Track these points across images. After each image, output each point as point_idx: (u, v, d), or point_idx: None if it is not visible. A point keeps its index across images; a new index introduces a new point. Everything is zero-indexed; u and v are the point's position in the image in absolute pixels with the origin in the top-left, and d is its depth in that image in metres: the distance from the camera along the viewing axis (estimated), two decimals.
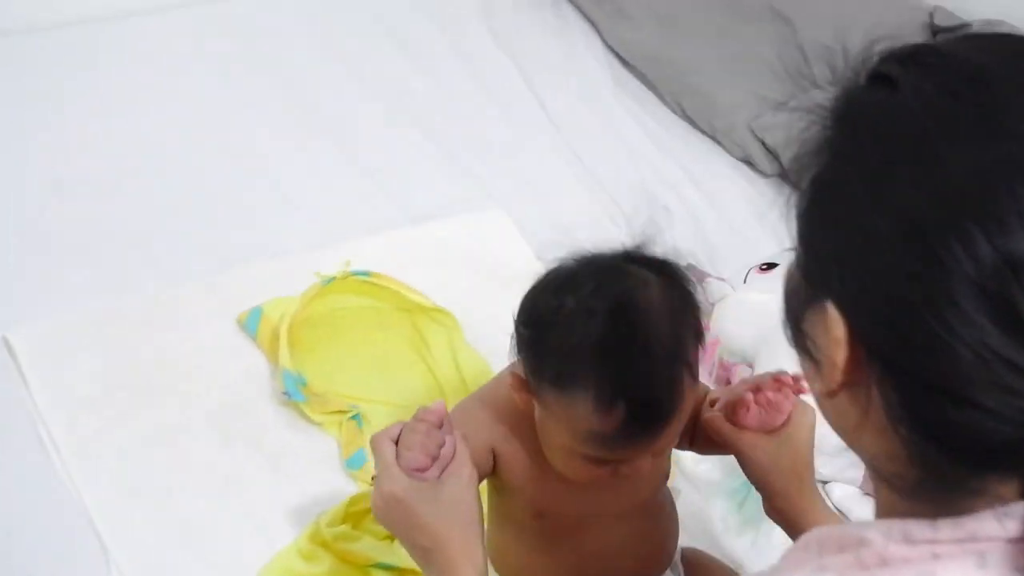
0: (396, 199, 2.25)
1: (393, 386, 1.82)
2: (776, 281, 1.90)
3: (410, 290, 1.89)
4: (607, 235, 2.20)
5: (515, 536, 1.28)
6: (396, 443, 1.14)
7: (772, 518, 1.28)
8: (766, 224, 2.34)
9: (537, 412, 1.14)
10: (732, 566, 1.52)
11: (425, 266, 2.05)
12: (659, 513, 1.33)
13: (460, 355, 1.86)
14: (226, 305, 1.91)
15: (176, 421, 1.73)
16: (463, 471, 1.13)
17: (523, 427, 1.19)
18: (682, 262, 1.16)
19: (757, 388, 1.23)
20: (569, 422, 1.09)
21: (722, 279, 1.98)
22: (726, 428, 1.25)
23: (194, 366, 1.82)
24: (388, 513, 1.12)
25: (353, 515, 1.56)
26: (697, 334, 1.11)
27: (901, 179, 0.69)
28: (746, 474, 1.27)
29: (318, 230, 2.15)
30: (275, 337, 1.80)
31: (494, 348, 1.91)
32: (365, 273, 1.87)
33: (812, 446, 1.25)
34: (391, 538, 1.55)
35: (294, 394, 1.71)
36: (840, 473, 1.67)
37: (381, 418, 1.76)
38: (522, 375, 1.14)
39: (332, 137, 2.37)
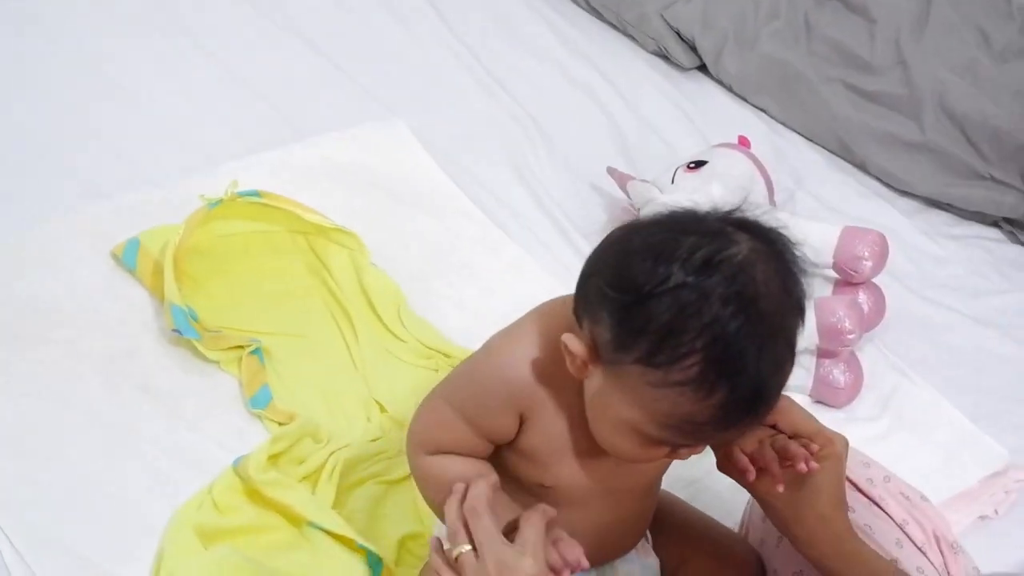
0: (281, 115, 2.21)
1: (293, 316, 1.80)
2: (703, 179, 1.93)
3: (306, 209, 1.86)
4: (514, 140, 2.25)
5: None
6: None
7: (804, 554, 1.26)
8: (688, 121, 2.36)
9: (596, 382, 1.10)
10: (682, 483, 1.55)
11: (319, 184, 2.03)
12: (655, 490, 1.34)
13: (366, 278, 1.84)
14: (99, 240, 1.86)
15: (55, 371, 1.68)
16: None
17: (564, 392, 1.16)
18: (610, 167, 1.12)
19: (784, 453, 1.19)
20: (651, 402, 1.05)
21: (646, 181, 1.98)
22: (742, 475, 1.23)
23: (69, 309, 1.77)
24: None
25: (273, 459, 1.54)
26: (801, 311, 1.06)
27: None
28: (768, 518, 1.26)
29: (196, 154, 2.10)
30: (158, 270, 1.76)
31: (402, 269, 1.90)
32: (254, 193, 1.83)
33: (842, 482, 1.22)
34: (312, 478, 1.55)
35: (186, 331, 1.68)
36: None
37: (284, 351, 1.74)
38: (588, 340, 1.09)
39: (204, 52, 2.31)
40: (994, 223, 2.20)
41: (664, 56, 2.48)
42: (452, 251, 1.97)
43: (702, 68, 2.47)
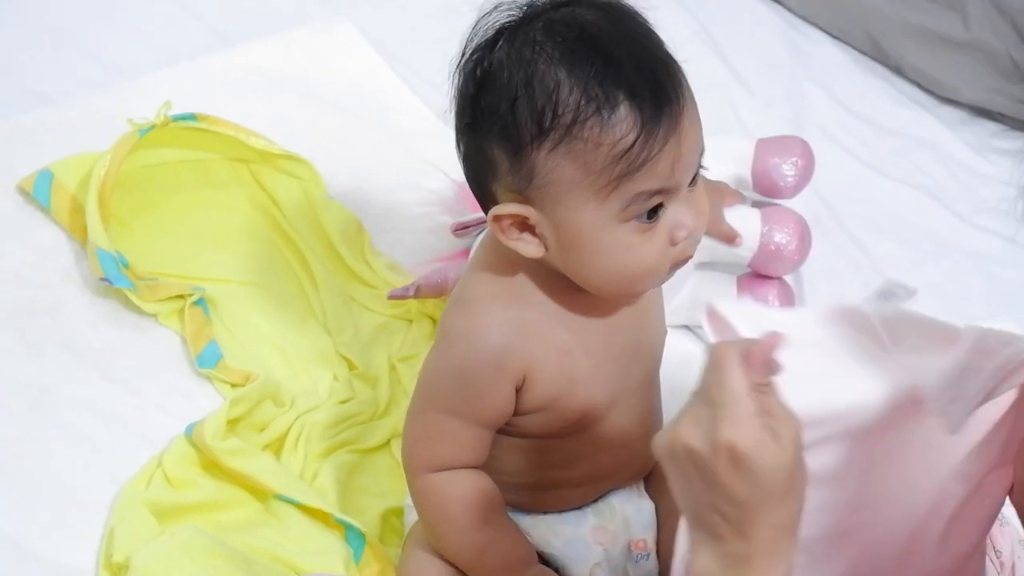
0: (200, 18, 2.39)
1: (239, 259, 1.97)
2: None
3: (250, 133, 2.02)
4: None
5: (528, 460, 1.50)
6: None
7: None
8: (686, 13, 2.51)
9: (546, 227, 1.30)
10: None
11: (250, 100, 2.20)
12: (657, 386, 1.57)
13: (323, 213, 2.00)
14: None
15: None
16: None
17: (548, 323, 1.39)
18: None
19: None
20: (587, 172, 1.26)
21: None
22: None
23: None
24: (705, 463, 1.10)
25: (231, 423, 1.70)
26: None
27: None
28: None
29: (100, 67, 2.28)
30: (77, 207, 1.92)
31: (363, 201, 2.07)
32: (190, 117, 1.99)
33: None
34: (275, 447, 1.73)
35: (116, 279, 1.83)
36: None
37: (231, 301, 1.91)
38: (511, 208, 1.30)
39: None
40: None
41: None
42: (420, 177, 2.14)
43: None
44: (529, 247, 1.33)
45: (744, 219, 1.94)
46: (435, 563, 1.51)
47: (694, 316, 1.95)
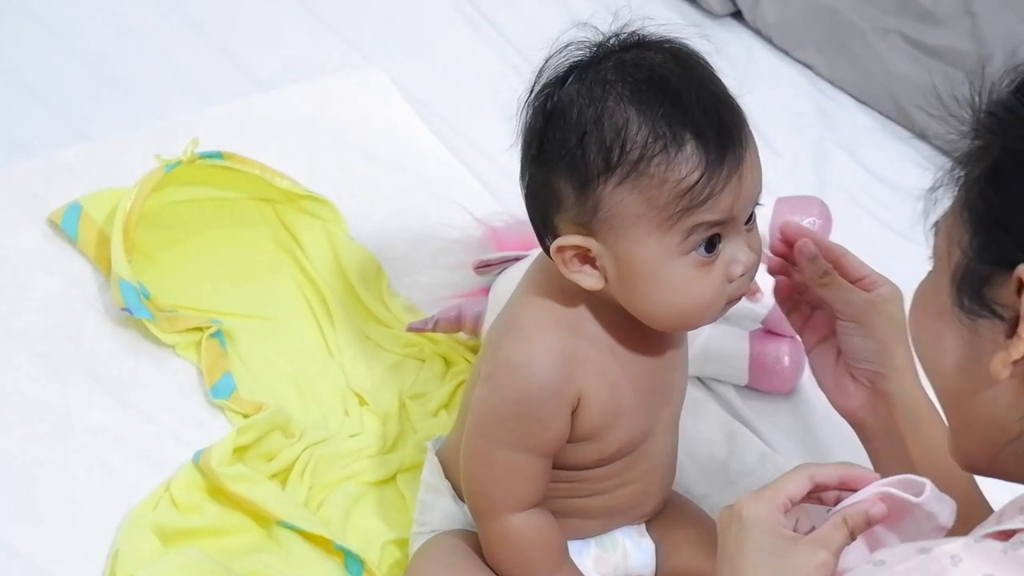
0: (239, 63, 2.46)
1: (259, 295, 2.03)
2: None
3: (275, 174, 2.09)
4: (511, 91, 2.45)
5: (554, 488, 1.53)
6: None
7: None
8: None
9: (608, 260, 1.36)
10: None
11: (283, 143, 2.26)
12: (677, 429, 1.63)
13: (343, 253, 2.06)
14: (31, 203, 2.09)
15: None
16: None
17: (595, 346, 1.45)
18: None
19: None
20: (653, 207, 1.32)
21: None
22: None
23: None
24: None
25: (238, 451, 1.75)
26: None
27: None
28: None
29: (140, 107, 2.36)
30: (103, 240, 1.98)
31: (384, 244, 2.12)
32: (217, 155, 2.06)
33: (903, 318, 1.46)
34: (282, 476, 1.77)
35: (137, 310, 1.89)
36: None
37: (248, 335, 1.97)
38: (574, 240, 1.36)
39: None
40: None
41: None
42: (441, 224, 2.18)
43: (736, 15, 2.68)
44: (589, 279, 1.38)
45: (760, 276, 1.97)
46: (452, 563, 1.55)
47: (705, 368, 1.99)
